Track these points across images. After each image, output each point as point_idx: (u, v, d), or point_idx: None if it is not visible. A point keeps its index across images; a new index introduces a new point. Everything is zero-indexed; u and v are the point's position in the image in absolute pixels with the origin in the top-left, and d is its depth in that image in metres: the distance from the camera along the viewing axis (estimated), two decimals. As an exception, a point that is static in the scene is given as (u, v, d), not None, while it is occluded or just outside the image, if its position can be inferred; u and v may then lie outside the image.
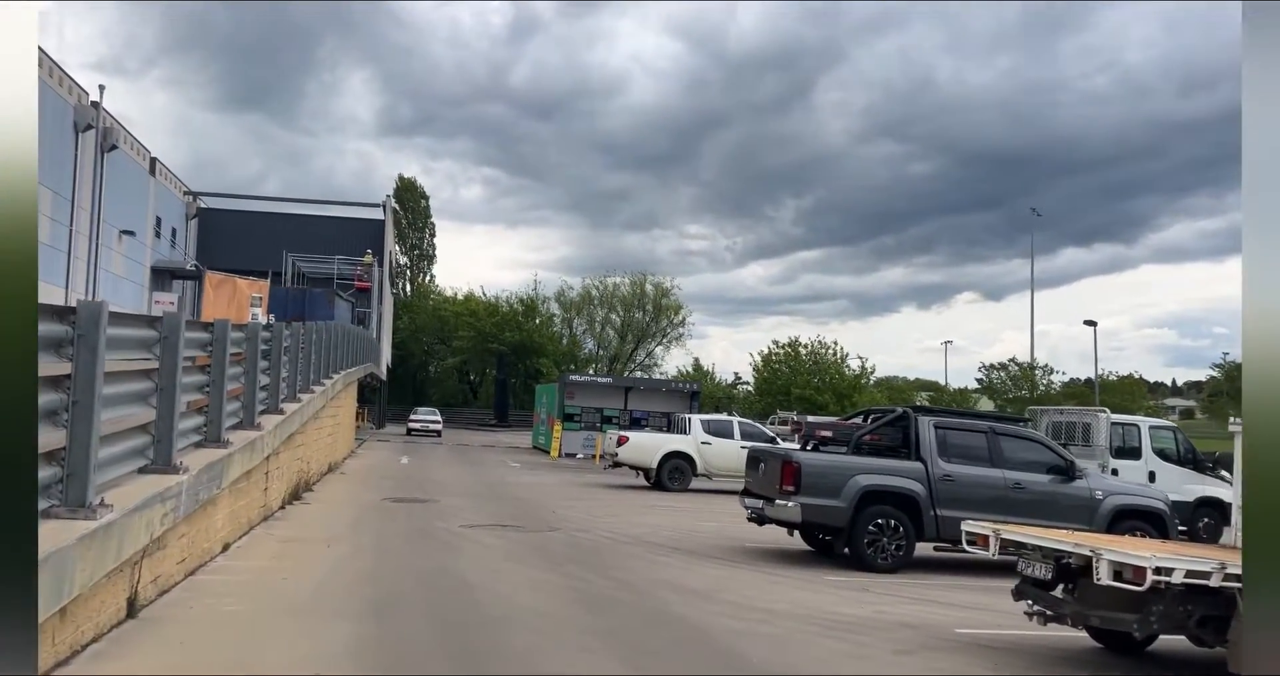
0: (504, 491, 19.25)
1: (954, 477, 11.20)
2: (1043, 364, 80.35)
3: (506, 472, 25.00)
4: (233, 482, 9.73)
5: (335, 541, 10.76)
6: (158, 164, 44.17)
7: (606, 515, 15.67)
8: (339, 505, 14.79)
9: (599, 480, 23.67)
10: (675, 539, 13.02)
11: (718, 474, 22.07)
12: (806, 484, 10.92)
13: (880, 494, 11.04)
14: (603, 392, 35.13)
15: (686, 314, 78.53)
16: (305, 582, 8.24)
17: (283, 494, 13.58)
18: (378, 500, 16.14)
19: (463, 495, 17.79)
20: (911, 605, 9.03)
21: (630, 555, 11.26)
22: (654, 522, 14.95)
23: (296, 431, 14.64)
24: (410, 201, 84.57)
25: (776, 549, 12.55)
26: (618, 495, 19.98)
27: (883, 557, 10.94)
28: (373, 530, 12.10)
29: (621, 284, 78.39)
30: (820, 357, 59.18)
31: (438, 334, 78.64)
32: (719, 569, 10.58)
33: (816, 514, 10.94)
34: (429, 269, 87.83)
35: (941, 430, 11.46)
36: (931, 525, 11.07)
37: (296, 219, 54.73)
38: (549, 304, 79.29)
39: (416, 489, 18.58)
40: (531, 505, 16.72)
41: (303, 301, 30.65)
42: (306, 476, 16.55)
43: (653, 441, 22.18)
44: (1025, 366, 78.13)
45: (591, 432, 33.91)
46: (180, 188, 48.98)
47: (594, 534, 13.05)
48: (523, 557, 10.59)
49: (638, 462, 22.00)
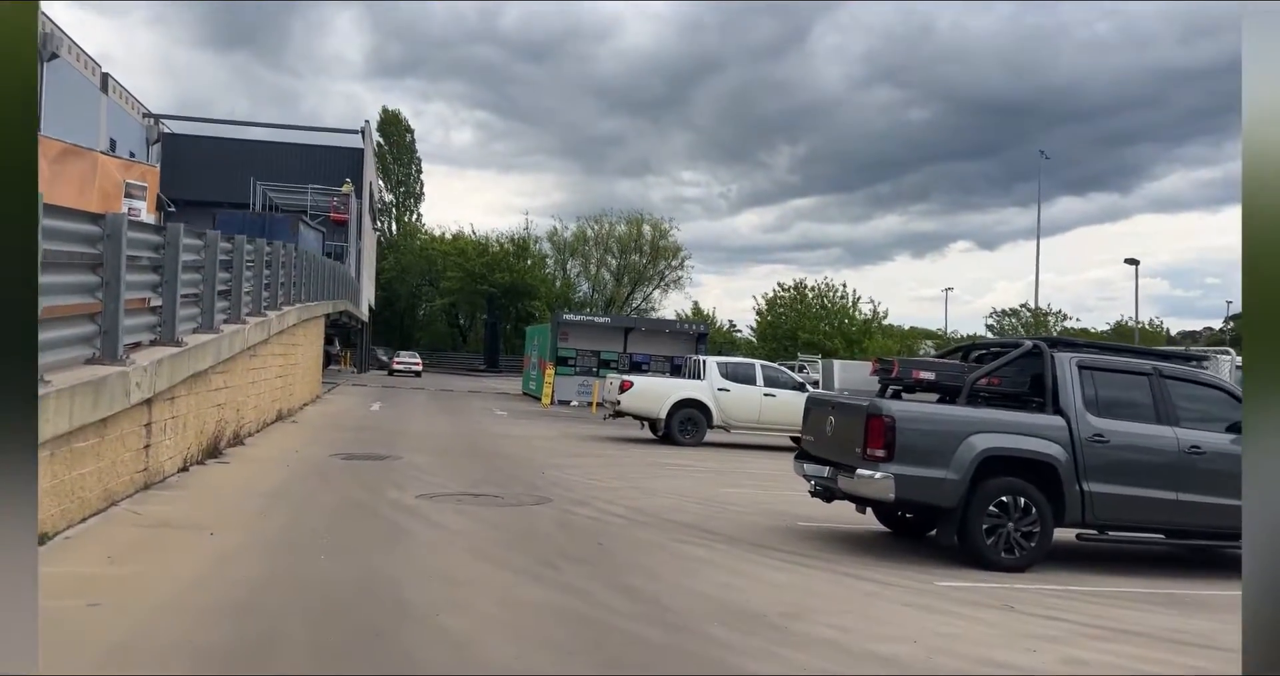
0: (485, 446, 16.01)
1: (1107, 437, 7.92)
2: (1056, 309, 77.61)
3: (490, 422, 21.75)
4: (57, 439, 6.43)
5: (227, 526, 7.48)
6: (110, 80, 40.02)
7: (609, 478, 12.45)
8: (268, 465, 11.52)
9: (598, 432, 20.45)
10: (703, 515, 9.80)
11: (737, 425, 18.85)
12: (904, 446, 7.64)
13: (1006, 461, 7.79)
14: (600, 334, 31.78)
15: (685, 256, 74.94)
16: (123, 620, 4.96)
17: (184, 451, 10.27)
18: (324, 456, 12.88)
19: (433, 451, 14.55)
20: (1104, 641, 5.81)
21: (649, 545, 8.03)
22: (670, 489, 11.73)
23: (210, 369, 11.29)
24: (395, 135, 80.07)
25: (839, 529, 9.35)
26: (621, 451, 16.76)
27: (1008, 551, 7.73)
28: (292, 505, 8.82)
29: (618, 225, 74.59)
30: (829, 301, 55.82)
31: (425, 275, 74.95)
32: (780, 570, 7.35)
33: (917, 489, 7.68)
34: (416, 207, 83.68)
35: (1088, 371, 8.15)
36: (1076, 504, 7.83)
37: (269, 146, 50.62)
38: (541, 244, 75.59)
39: (379, 442, 15.32)
40: (516, 464, 13.49)
41: (262, 227, 27.03)
42: (236, 426, 13.26)
43: (662, 387, 18.88)
44: (1038, 311, 75.18)
45: (588, 378, 30.66)
46: (139, 109, 44.81)
47: (595, 507, 9.83)
48: (496, 552, 7.35)
49: (643, 412, 18.74)
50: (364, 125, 49.07)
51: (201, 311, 11.67)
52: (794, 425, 19.56)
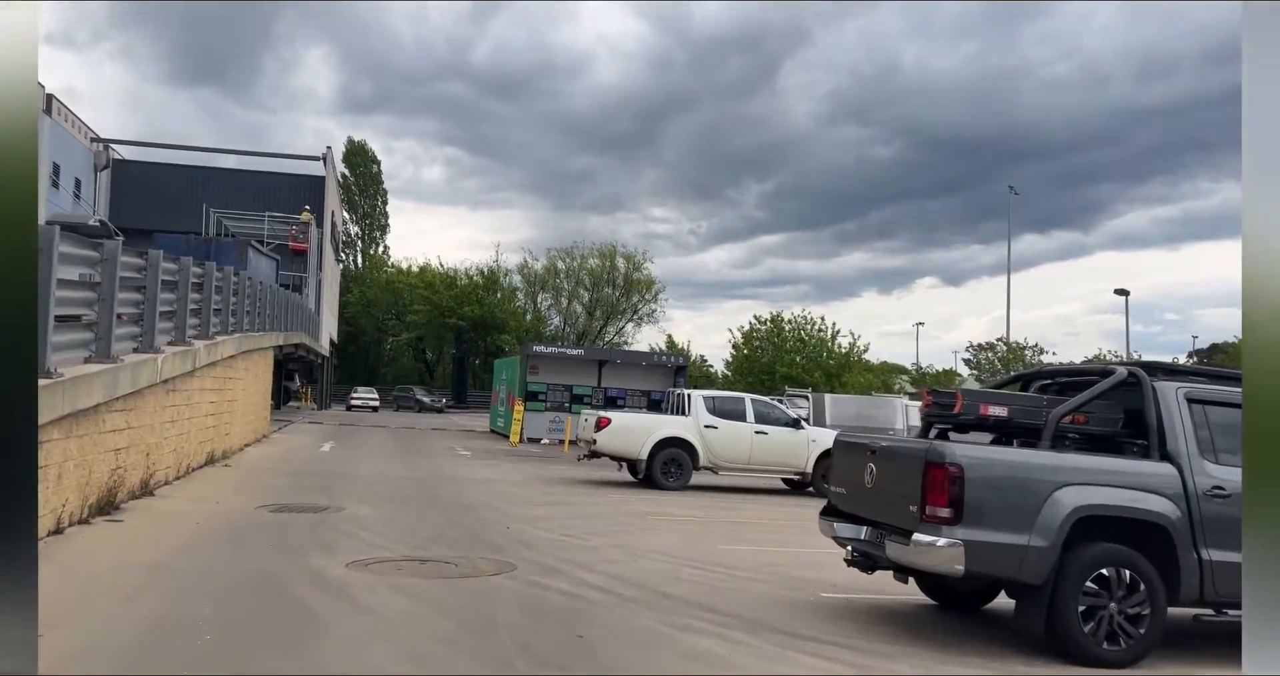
0: (443, 493, 14.02)
1: (1228, 491, 6.18)
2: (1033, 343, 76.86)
3: (453, 464, 19.72)
4: None
5: (70, 621, 5.49)
6: (55, 102, 37.96)
7: (586, 534, 10.54)
8: (172, 522, 9.50)
9: (571, 474, 18.50)
10: (705, 585, 7.92)
11: (726, 466, 17.00)
12: (975, 504, 5.86)
13: (1106, 523, 6.02)
14: (572, 367, 29.88)
15: (659, 289, 73.42)
16: None
17: (56, 509, 8.24)
18: (249, 509, 10.87)
19: (381, 500, 12.56)
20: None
21: (644, 635, 6.14)
22: (659, 547, 9.84)
23: (101, 406, 9.30)
24: (360, 166, 78.36)
25: (874, 602, 7.53)
26: (598, 497, 14.84)
27: (1110, 640, 5.93)
28: (177, 584, 6.83)
29: (590, 257, 72.95)
30: (806, 334, 54.26)
31: (391, 308, 72.71)
32: (819, 670, 5.49)
33: (993, 560, 5.88)
34: (382, 239, 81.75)
35: (1198, 406, 6.43)
36: (1194, 576, 6.07)
37: (226, 174, 48.60)
38: (512, 277, 73.74)
39: (320, 489, 13.30)
40: (477, 516, 11.54)
41: (206, 252, 25.00)
42: (145, 473, 11.23)
43: (642, 424, 17.00)
44: (1014, 346, 74.33)
45: (559, 414, 28.73)
46: (86, 134, 42.69)
47: (571, 576, 7.92)
48: (440, 654, 5.43)
49: (622, 452, 16.84)
50: (325, 151, 47.20)
51: (96, 337, 9.72)
52: (788, 466, 17.79)
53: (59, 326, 8.64)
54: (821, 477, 17.30)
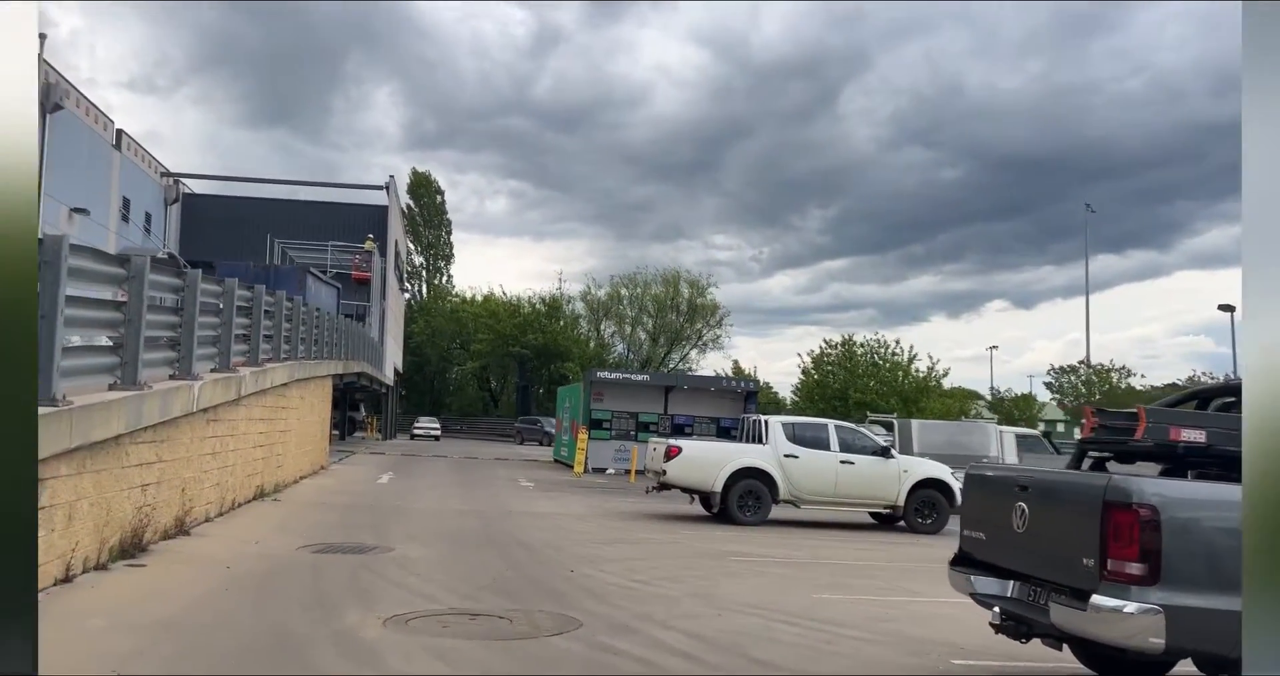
0: (501, 530, 12.89)
1: None
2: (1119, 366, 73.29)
3: (514, 497, 18.61)
4: None
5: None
6: (125, 137, 38.49)
7: (660, 579, 9.26)
8: (200, 567, 8.51)
9: (639, 507, 17.24)
10: (807, 648, 6.58)
11: (808, 499, 15.56)
12: (1175, 557, 4.46)
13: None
14: (638, 393, 28.70)
15: (724, 314, 71.94)
16: None
17: (67, 553, 7.29)
18: (290, 550, 9.88)
19: (435, 538, 11.48)
20: None
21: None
22: (746, 597, 8.51)
23: (124, 437, 8.40)
24: (425, 197, 78.95)
25: (1018, 673, 6.10)
26: (669, 533, 13.55)
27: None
28: (180, 648, 5.75)
29: (654, 282, 71.90)
30: (880, 358, 52.20)
31: (455, 338, 72.63)
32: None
33: (1204, 633, 4.46)
34: (447, 269, 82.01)
35: None
36: None
37: (291, 205, 48.89)
38: (575, 304, 73.08)
39: (370, 526, 12.29)
40: (537, 557, 10.36)
41: (266, 279, 24.52)
42: (181, 510, 10.34)
43: (716, 454, 15.67)
44: (1100, 368, 71.00)
45: (625, 442, 27.54)
46: (156, 168, 43.29)
47: (644, 635, 6.66)
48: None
49: (694, 484, 15.52)
50: (389, 181, 47.16)
51: (122, 362, 8.86)
52: (878, 498, 16.21)
53: (73, 350, 7.79)
54: (914, 511, 15.78)
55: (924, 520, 15.70)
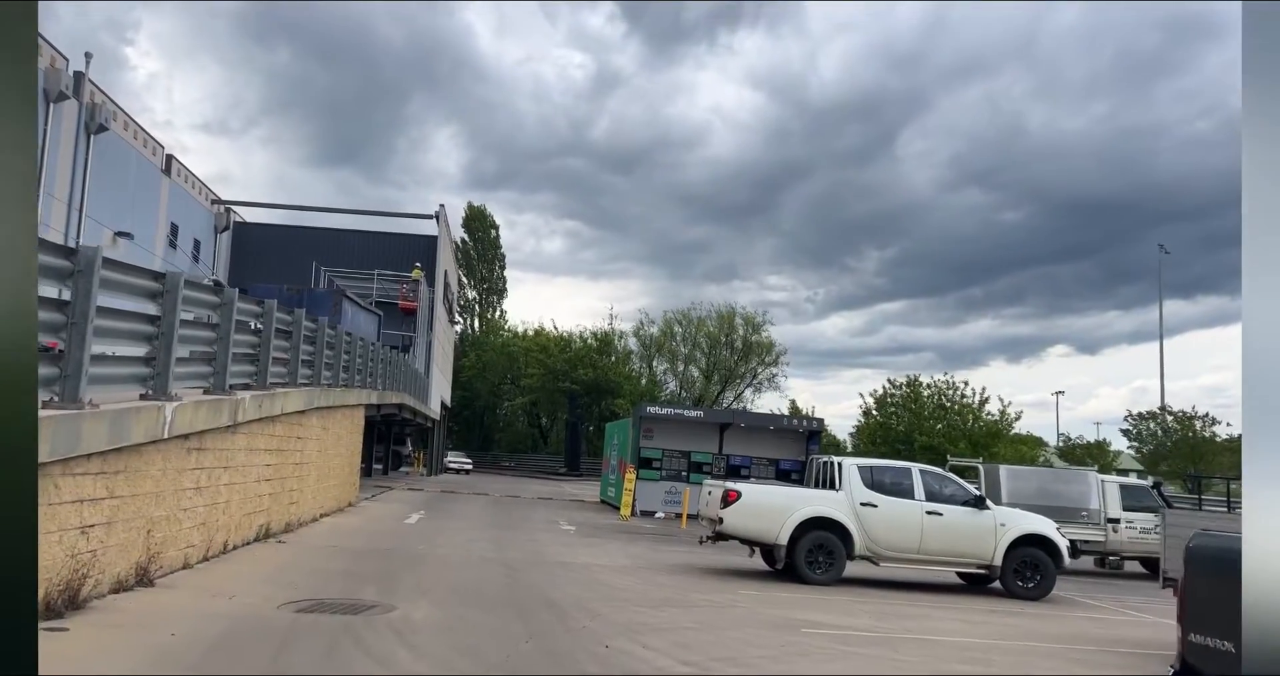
0: (530, 584, 10.97)
1: None
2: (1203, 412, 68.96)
3: (550, 542, 16.68)
4: None
5: None
6: (174, 163, 38.09)
7: (717, 659, 7.26)
8: (137, 631, 6.75)
9: (690, 559, 15.19)
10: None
11: (888, 555, 13.36)
12: None
13: None
14: (690, 431, 26.68)
15: (780, 351, 69.57)
16: None
17: None
18: (267, 608, 8.10)
19: (448, 594, 9.62)
20: None
21: None
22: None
23: (46, 466, 6.73)
24: (479, 231, 78.46)
25: None
26: (727, 593, 11.49)
27: None
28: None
29: (708, 319, 69.98)
30: (947, 399, 49.35)
31: (506, 372, 71.40)
32: None
33: None
34: (499, 304, 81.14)
35: None
36: None
37: (341, 234, 48.27)
38: (627, 340, 71.44)
39: (376, 577, 10.48)
40: (567, 623, 8.42)
41: (299, 301, 23.19)
42: (143, 555, 8.65)
43: (781, 501, 13.57)
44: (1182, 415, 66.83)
45: (676, 484, 25.51)
46: (207, 196, 42.93)
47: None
48: None
49: (755, 534, 13.43)
50: (439, 210, 46.21)
51: (63, 375, 7.24)
52: (970, 556, 13.64)
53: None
54: (1013, 572, 13.47)
55: (1025, 583, 13.37)
